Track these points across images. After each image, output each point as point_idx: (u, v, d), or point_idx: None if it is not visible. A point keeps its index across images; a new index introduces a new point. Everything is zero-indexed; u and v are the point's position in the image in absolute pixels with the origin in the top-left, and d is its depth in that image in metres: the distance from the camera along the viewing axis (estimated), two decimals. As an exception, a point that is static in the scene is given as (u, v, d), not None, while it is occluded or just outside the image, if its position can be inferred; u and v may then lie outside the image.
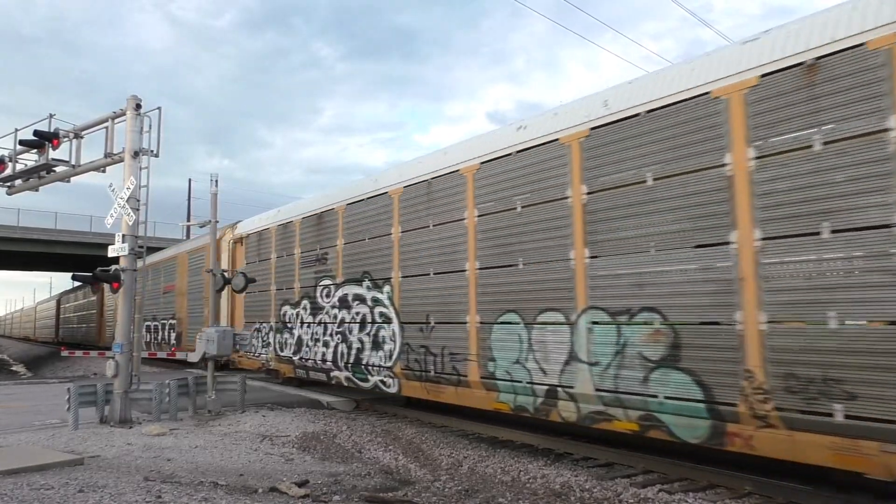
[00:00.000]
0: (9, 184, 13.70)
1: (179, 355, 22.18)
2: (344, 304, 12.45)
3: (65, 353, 28.53)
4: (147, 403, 11.76)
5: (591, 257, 7.76)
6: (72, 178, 13.07)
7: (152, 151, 11.63)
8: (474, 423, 10.69)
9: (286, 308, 14.69)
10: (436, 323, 10.08)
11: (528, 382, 8.47)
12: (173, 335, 23.94)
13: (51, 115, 12.60)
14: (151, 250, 24.64)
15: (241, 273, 13.56)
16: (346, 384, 12.49)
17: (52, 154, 12.52)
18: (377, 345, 11.41)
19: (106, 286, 12.86)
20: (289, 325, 14.50)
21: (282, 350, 14.86)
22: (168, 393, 11.68)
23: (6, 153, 13.48)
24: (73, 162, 12.64)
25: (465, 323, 9.48)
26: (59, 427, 10.69)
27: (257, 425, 11.05)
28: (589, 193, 7.84)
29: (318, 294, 13.37)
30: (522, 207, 8.72)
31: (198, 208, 51.53)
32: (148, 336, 26.92)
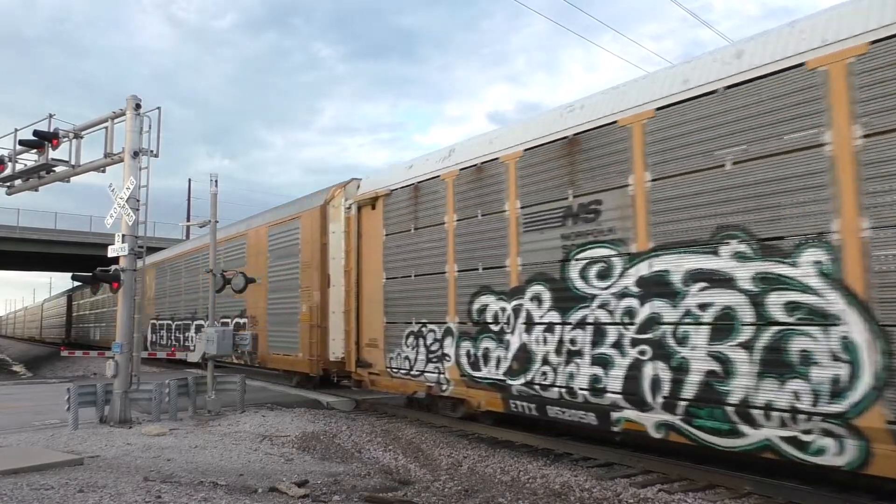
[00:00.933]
0: (8, 184, 13.70)
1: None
2: (654, 289, 7.21)
3: (64, 353, 28.50)
4: (147, 403, 11.75)
5: None
6: (71, 178, 13.08)
7: (152, 151, 11.63)
8: (474, 424, 10.68)
9: (487, 300, 9.42)
10: None
11: None
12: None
13: (50, 115, 12.61)
14: (151, 250, 23.87)
15: (241, 273, 13.48)
16: (656, 435, 7.22)
17: (52, 154, 12.52)
18: (778, 366, 6.15)
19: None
20: (493, 328, 9.24)
21: (476, 368, 9.51)
22: (168, 393, 11.68)
23: (6, 153, 13.48)
24: (72, 162, 12.63)
25: None
26: (58, 427, 10.69)
27: (257, 425, 11.04)
28: None
29: (571, 274, 8.16)
30: None
31: (198, 208, 51.46)
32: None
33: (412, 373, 10.84)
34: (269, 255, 16.85)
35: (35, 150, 12.73)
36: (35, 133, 12.38)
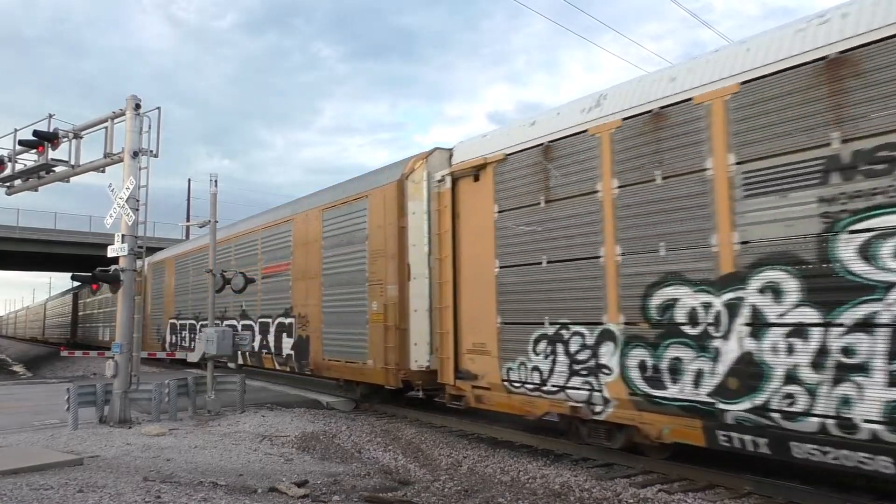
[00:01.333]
0: (8, 184, 13.72)
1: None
2: None
3: (64, 353, 28.50)
4: (146, 403, 11.76)
5: None
6: (71, 178, 13.10)
7: (151, 151, 11.65)
8: (474, 423, 10.69)
9: (676, 292, 7.00)
10: None
11: None
12: (287, 342, 15.43)
13: (50, 116, 12.63)
14: (151, 250, 23.59)
15: (241, 273, 13.50)
16: None
17: (52, 154, 12.54)
18: None
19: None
20: (689, 331, 6.87)
21: (657, 385, 7.14)
22: (167, 393, 11.68)
23: (6, 153, 13.50)
24: (72, 162, 12.65)
25: None
26: (58, 427, 10.69)
27: (257, 425, 11.05)
28: None
29: (841, 253, 5.73)
30: None
31: (198, 208, 51.42)
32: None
33: (545, 388, 8.39)
34: (323, 242, 14.18)
35: (35, 150, 12.74)
36: (35, 133, 12.40)
